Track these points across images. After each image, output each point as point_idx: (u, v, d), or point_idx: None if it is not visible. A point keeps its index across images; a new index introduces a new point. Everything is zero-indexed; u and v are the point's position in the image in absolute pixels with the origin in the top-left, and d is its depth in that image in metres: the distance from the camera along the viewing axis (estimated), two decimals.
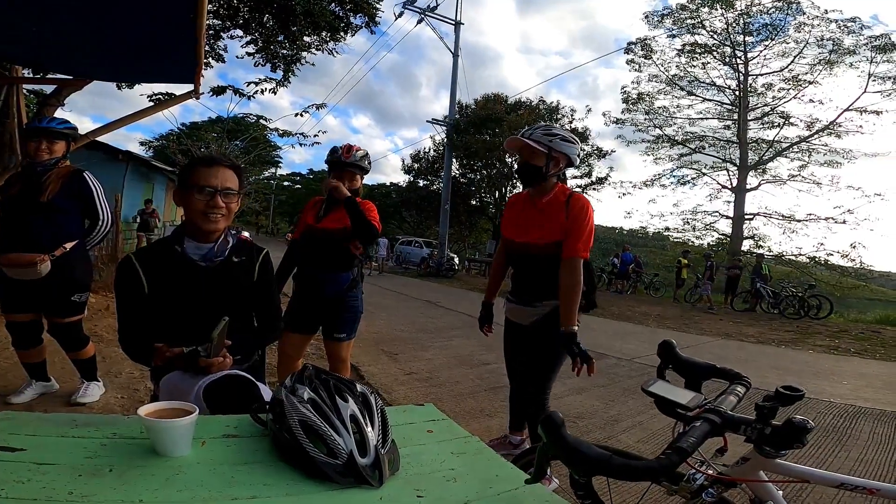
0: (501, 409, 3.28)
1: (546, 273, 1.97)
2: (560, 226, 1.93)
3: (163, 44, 2.41)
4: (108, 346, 3.59)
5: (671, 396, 0.87)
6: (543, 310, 2.01)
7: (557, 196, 2.00)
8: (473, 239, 26.77)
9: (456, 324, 6.87)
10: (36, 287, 2.40)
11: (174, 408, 0.90)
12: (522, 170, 2.04)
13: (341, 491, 0.82)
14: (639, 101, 19.36)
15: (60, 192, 2.43)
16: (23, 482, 0.72)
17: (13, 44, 2.51)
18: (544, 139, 1.93)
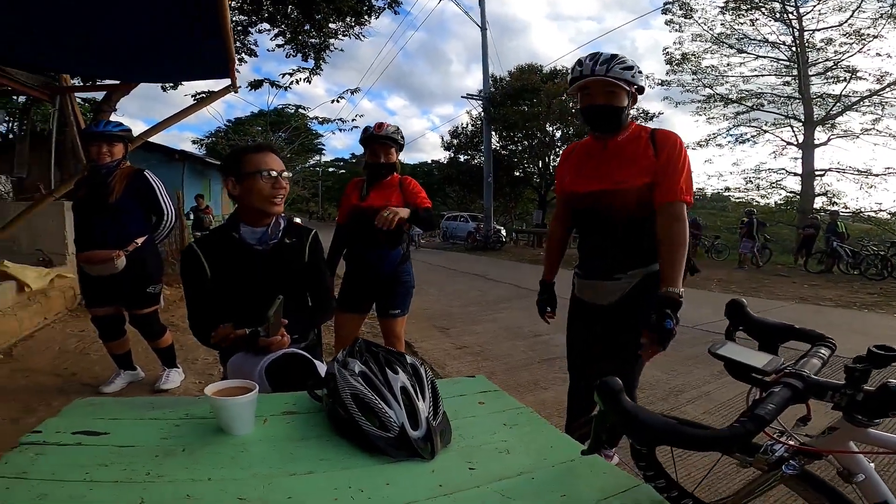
0: (556, 380, 3.24)
1: (631, 231, 1.54)
2: (649, 165, 1.50)
3: (196, 43, 2.47)
4: (183, 335, 3.84)
5: (745, 360, 0.79)
6: (630, 281, 1.57)
7: (637, 132, 1.58)
8: (520, 210, 26.39)
9: (506, 296, 6.83)
10: (113, 282, 2.59)
11: (237, 386, 0.94)
12: (600, 112, 1.54)
13: (394, 464, 0.82)
14: (684, 62, 18.20)
15: (125, 192, 2.59)
16: (105, 465, 0.77)
17: (60, 54, 2.65)
18: (625, 74, 1.49)
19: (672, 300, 1.42)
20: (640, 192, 1.50)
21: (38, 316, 3.88)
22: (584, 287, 1.71)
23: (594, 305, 1.66)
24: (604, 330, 1.65)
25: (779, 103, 17.42)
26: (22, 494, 0.68)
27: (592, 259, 1.66)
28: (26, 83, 3.83)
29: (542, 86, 19.00)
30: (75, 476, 0.74)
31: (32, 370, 3.04)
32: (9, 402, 2.56)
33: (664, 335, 1.40)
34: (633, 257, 1.56)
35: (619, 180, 1.52)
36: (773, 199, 18.58)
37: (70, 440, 0.85)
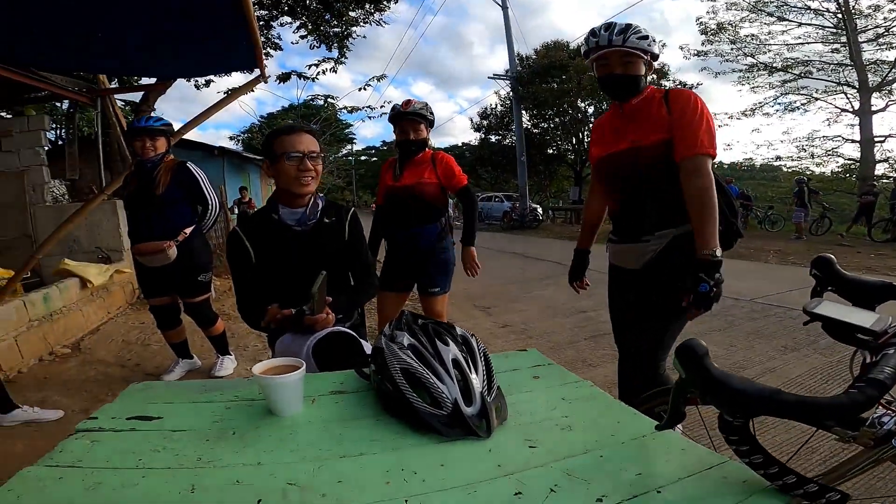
0: (605, 357, 3.13)
1: (655, 190, 1.50)
2: (662, 121, 1.47)
3: (222, 35, 2.47)
4: (234, 323, 3.97)
5: (848, 318, 0.68)
6: (659, 243, 1.51)
7: (651, 94, 1.55)
8: (555, 188, 25.88)
9: (546, 273, 6.70)
10: (166, 273, 2.69)
11: (284, 364, 0.92)
12: (619, 81, 1.52)
13: (448, 443, 0.78)
14: (720, 32, 17.21)
15: (171, 184, 2.66)
16: (158, 450, 0.77)
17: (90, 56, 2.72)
18: (642, 43, 1.47)
19: (704, 262, 1.34)
20: (656, 149, 1.46)
21: (101, 310, 4.10)
22: (615, 252, 1.70)
23: (626, 270, 1.64)
24: (636, 296, 1.60)
25: (829, 70, 16.46)
26: (76, 484, 0.68)
27: (621, 222, 1.65)
28: (66, 87, 3.99)
29: (571, 62, 18.56)
30: (129, 463, 0.73)
31: (99, 362, 3.22)
32: (79, 392, 2.72)
33: (699, 299, 1.34)
34: (661, 217, 1.50)
35: (635, 139, 1.51)
36: (830, 168, 17.57)
37: (124, 426, 0.85)
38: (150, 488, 0.67)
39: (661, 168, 1.47)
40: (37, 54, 2.73)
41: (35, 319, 3.25)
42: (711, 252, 1.34)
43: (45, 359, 3.21)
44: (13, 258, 4.33)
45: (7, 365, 2.88)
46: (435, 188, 2.38)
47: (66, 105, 6.25)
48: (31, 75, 3.36)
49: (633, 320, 1.64)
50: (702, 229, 1.37)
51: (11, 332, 3.00)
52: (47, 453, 0.76)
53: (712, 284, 1.32)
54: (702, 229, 1.37)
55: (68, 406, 2.52)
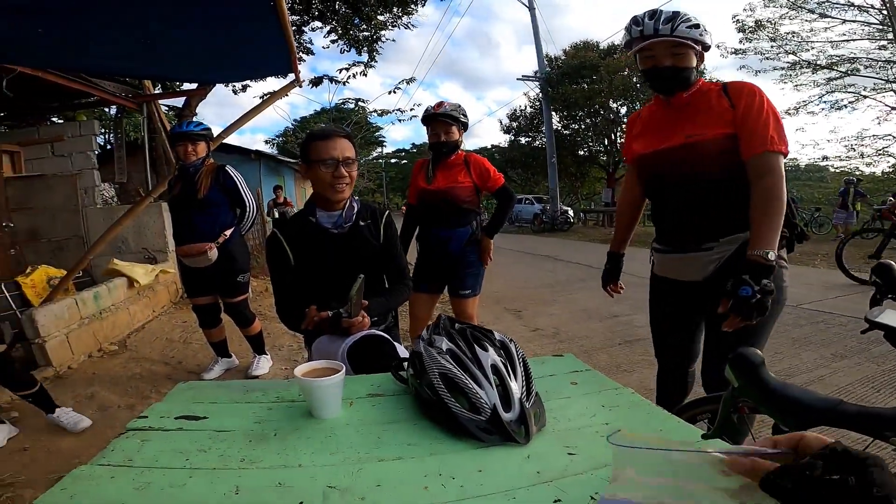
0: (640, 363, 3.06)
1: (717, 191, 1.34)
2: (725, 114, 1.33)
3: (259, 41, 2.55)
4: (270, 323, 4.08)
5: None
6: (726, 250, 1.34)
7: (706, 87, 1.42)
8: (587, 190, 25.45)
9: (578, 276, 6.58)
10: (208, 273, 2.80)
11: (324, 367, 0.93)
12: (667, 74, 1.37)
13: (486, 449, 0.77)
14: (758, 29, 16.52)
15: (211, 187, 2.76)
16: (204, 451, 0.79)
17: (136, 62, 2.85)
18: (692, 32, 1.32)
19: (755, 264, 1.21)
20: (717, 145, 1.32)
21: (147, 309, 4.29)
22: (666, 263, 1.49)
23: (682, 283, 1.46)
24: (697, 309, 1.46)
25: (877, 67, 15.59)
26: (127, 484, 0.70)
27: (674, 229, 1.46)
28: (114, 93, 4.20)
29: (601, 62, 18.28)
30: (176, 463, 0.75)
31: (144, 359, 3.37)
32: (126, 389, 2.85)
33: (738, 304, 1.20)
34: (726, 221, 1.34)
35: (691, 133, 1.35)
36: (881, 168, 16.64)
37: (172, 425, 0.88)
38: (197, 489, 0.69)
39: (725, 165, 1.32)
40: (87, 61, 2.90)
41: (86, 317, 3.42)
42: (764, 253, 1.20)
43: (93, 355, 3.38)
44: (66, 258, 4.59)
45: (58, 361, 3.05)
46: (468, 191, 2.38)
47: (114, 110, 6.58)
48: (82, 81, 3.56)
49: (692, 335, 1.50)
50: (760, 227, 1.24)
51: (63, 329, 3.17)
52: (100, 452, 0.79)
53: (756, 290, 1.17)
54: (760, 227, 1.24)
55: (115, 402, 2.65)
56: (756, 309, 1.19)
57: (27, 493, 1.79)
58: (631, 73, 17.50)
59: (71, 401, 2.63)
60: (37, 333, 2.97)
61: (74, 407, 2.53)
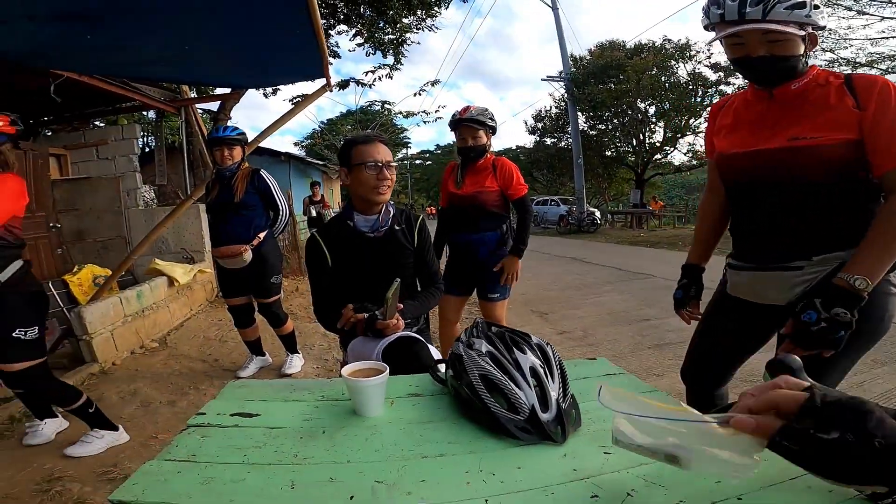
0: (671, 367, 3.02)
1: (821, 204, 1.11)
2: (848, 116, 1.07)
3: (291, 45, 2.64)
4: (301, 322, 4.19)
5: None
6: (819, 270, 1.11)
7: (822, 77, 1.15)
8: (614, 191, 25.06)
9: (606, 278, 6.51)
10: (243, 274, 2.91)
11: (369, 367, 0.98)
12: (765, 66, 1.13)
13: (524, 447, 0.80)
14: None
15: (247, 191, 2.87)
16: (260, 447, 0.84)
17: (175, 67, 2.98)
18: (795, 14, 1.05)
19: (836, 287, 1.02)
20: (833, 152, 1.07)
21: (185, 308, 4.47)
22: (742, 281, 1.26)
23: (759, 307, 1.23)
24: (767, 335, 1.26)
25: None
26: (192, 478, 0.75)
27: (757, 240, 1.22)
28: (154, 97, 4.40)
29: (628, 62, 18.02)
30: (235, 458, 0.80)
31: (183, 356, 3.52)
32: (166, 385, 2.98)
33: (797, 329, 1.04)
34: (825, 234, 1.11)
35: (798, 136, 1.10)
36: None
37: (229, 422, 0.93)
38: (255, 483, 0.73)
39: (836, 171, 1.09)
40: (130, 67, 3.04)
41: (129, 315, 3.59)
42: (852, 279, 1.01)
43: (136, 352, 3.55)
44: (110, 258, 4.83)
45: (103, 357, 3.21)
46: (496, 196, 2.40)
47: (153, 114, 6.87)
48: (124, 86, 3.74)
49: (737, 359, 1.32)
50: (865, 249, 1.04)
51: (108, 327, 3.34)
52: (165, 448, 0.85)
53: (822, 317, 1.00)
54: (865, 249, 1.04)
55: (156, 398, 2.76)
56: (815, 339, 1.02)
57: (75, 488, 1.86)
58: (659, 73, 17.14)
59: (115, 396, 2.77)
60: (84, 330, 3.14)
61: (118, 403, 2.65)
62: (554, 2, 17.31)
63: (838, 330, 1.00)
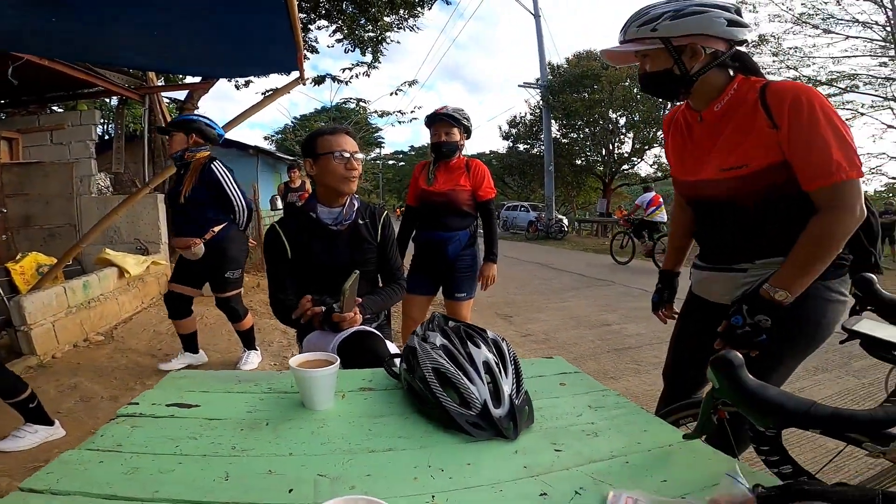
0: (627, 371, 3.09)
1: (763, 214, 1.14)
2: (765, 138, 1.07)
3: (265, 37, 2.57)
4: (261, 319, 4.06)
5: (888, 336, 0.68)
6: (760, 273, 1.15)
7: (741, 96, 1.13)
8: (582, 199, 25.61)
9: (571, 284, 6.63)
10: (199, 265, 2.80)
11: (319, 359, 0.95)
12: (646, 83, 1.23)
13: (475, 443, 0.79)
14: (761, 43, 16.76)
15: (197, 185, 2.72)
16: (195, 438, 0.80)
17: (143, 53, 2.86)
18: (644, 30, 1.13)
19: (760, 297, 1.08)
20: (760, 178, 1.09)
21: (136, 300, 4.26)
22: (700, 280, 1.34)
23: (711, 304, 1.29)
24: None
25: (876, 85, 15.83)
26: (115, 468, 0.71)
27: (713, 246, 1.30)
28: (118, 83, 4.20)
29: (603, 72, 18.34)
30: (166, 449, 0.76)
31: (131, 350, 3.35)
32: (109, 379, 2.82)
33: (726, 331, 1.11)
34: (768, 243, 1.15)
35: (725, 166, 1.13)
36: (873, 187, 16.92)
37: (164, 412, 0.89)
38: (186, 474, 0.70)
39: (771, 196, 1.11)
40: (96, 52, 2.89)
41: (74, 306, 3.39)
42: (774, 291, 1.07)
43: (79, 345, 3.35)
44: (58, 246, 4.56)
45: (42, 349, 3.02)
46: (468, 195, 2.41)
47: (115, 101, 6.57)
48: (87, 71, 3.55)
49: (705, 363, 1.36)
50: (789, 264, 1.07)
51: (50, 317, 3.14)
52: (89, 437, 0.80)
53: (747, 322, 1.07)
54: (789, 264, 1.07)
55: (98, 393, 2.62)
56: (740, 340, 1.09)
57: (3, 482, 1.75)
58: (632, 84, 17.61)
59: (53, 390, 2.60)
60: (23, 321, 2.94)
61: (56, 397, 2.50)
62: (536, 9, 17.56)
63: (760, 334, 1.08)
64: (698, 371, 1.36)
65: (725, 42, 1.12)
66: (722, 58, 1.13)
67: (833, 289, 1.13)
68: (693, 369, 1.37)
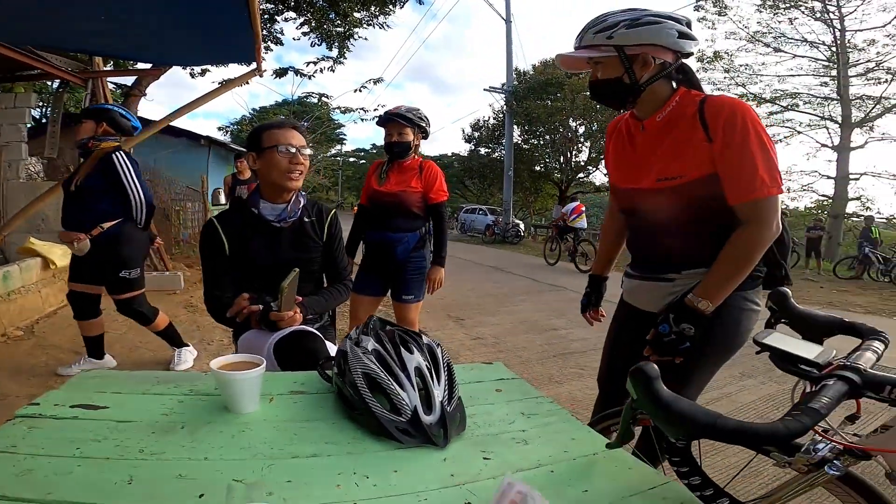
0: (571, 375, 3.18)
1: (693, 228, 1.19)
2: (701, 150, 1.12)
3: (223, 26, 2.47)
4: (202, 316, 3.88)
5: (794, 350, 0.72)
6: (686, 284, 1.20)
7: (682, 107, 1.18)
8: (539, 205, 26.17)
9: (523, 289, 6.74)
10: (90, 262, 2.56)
11: (245, 361, 0.90)
12: (595, 90, 1.25)
13: (404, 450, 0.78)
14: (716, 60, 17.69)
15: (92, 174, 2.52)
16: (98, 440, 0.75)
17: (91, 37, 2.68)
18: (600, 37, 1.16)
19: (684, 306, 1.13)
20: (693, 189, 1.14)
21: (61, 293, 3.94)
22: (633, 289, 1.37)
23: (641, 312, 1.33)
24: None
25: (815, 104, 17.03)
26: (7, 469, 0.66)
27: (643, 256, 1.35)
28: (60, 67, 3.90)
29: (567, 80, 18.70)
30: (65, 452, 0.71)
31: (53, 347, 3.11)
32: (27, 377, 2.61)
33: (654, 337, 1.16)
34: (693, 255, 1.19)
35: (662, 176, 1.17)
36: (804, 203, 18.20)
37: (67, 413, 0.82)
38: (85, 477, 0.65)
39: (702, 206, 1.16)
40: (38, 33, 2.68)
41: None
42: (699, 302, 1.12)
43: None
44: None
45: None
46: (420, 197, 2.38)
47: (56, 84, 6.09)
48: (27, 53, 3.27)
49: None
50: (712, 276, 1.13)
51: None
52: None
53: (673, 330, 1.13)
54: (712, 276, 1.13)
55: (13, 391, 2.42)
56: (666, 347, 1.14)
57: None
58: None
59: None
60: None
61: None
62: (508, 14, 17.77)
63: (684, 342, 1.13)
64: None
65: (674, 53, 1.17)
66: (669, 69, 1.18)
67: (749, 298, 1.21)
68: (625, 376, 1.40)
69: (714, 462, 1.95)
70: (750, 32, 17.08)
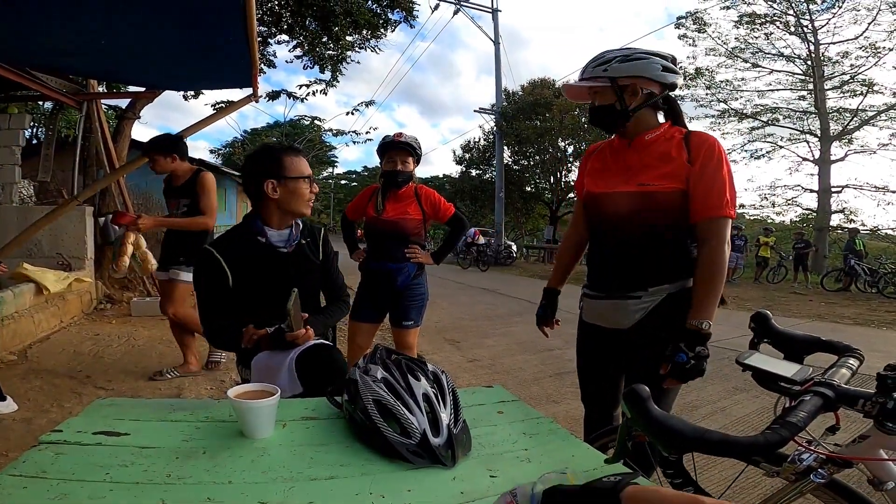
0: (568, 394, 3.20)
1: (656, 242, 1.32)
2: (680, 169, 1.29)
3: (220, 50, 2.53)
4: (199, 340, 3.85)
5: (773, 369, 0.78)
6: (652, 300, 1.32)
7: (669, 133, 1.36)
8: (530, 226, 26.35)
9: (516, 310, 6.79)
10: None
11: (259, 390, 0.94)
12: (593, 115, 1.44)
13: (415, 470, 0.82)
14: (697, 77, 18.12)
15: None
16: (126, 466, 0.77)
17: (87, 59, 2.73)
18: (598, 70, 1.34)
19: (690, 332, 1.22)
20: (670, 199, 1.29)
21: (54, 318, 3.93)
22: (594, 308, 1.45)
23: (609, 330, 1.42)
24: (620, 356, 1.42)
25: (794, 118, 17.30)
26: (41, 494, 0.68)
27: (607, 273, 1.42)
28: (55, 88, 3.95)
29: (555, 100, 18.92)
30: (96, 476, 0.73)
31: (46, 371, 3.08)
32: (22, 401, 2.58)
33: (675, 369, 1.22)
34: (657, 272, 1.32)
35: (645, 182, 1.31)
36: (789, 217, 18.45)
37: (90, 440, 0.85)
38: (119, 501, 0.68)
39: (671, 219, 1.30)
40: (38, 56, 2.72)
41: None
42: (700, 323, 1.22)
43: None
44: None
45: None
46: (418, 224, 2.42)
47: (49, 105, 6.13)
48: (24, 74, 3.32)
49: (615, 379, 1.47)
50: (703, 298, 1.25)
51: None
52: (10, 463, 0.75)
53: (691, 356, 1.20)
54: (703, 298, 1.25)
55: (8, 415, 2.40)
56: (691, 373, 1.20)
57: None
58: (581, 114, 18.44)
59: None
60: None
61: None
62: (497, 36, 18.17)
63: (702, 362, 1.22)
64: (610, 394, 1.51)
65: (659, 85, 1.34)
66: (655, 98, 1.35)
67: None
68: (604, 395, 1.52)
69: (710, 475, 1.99)
70: (729, 48, 17.46)
